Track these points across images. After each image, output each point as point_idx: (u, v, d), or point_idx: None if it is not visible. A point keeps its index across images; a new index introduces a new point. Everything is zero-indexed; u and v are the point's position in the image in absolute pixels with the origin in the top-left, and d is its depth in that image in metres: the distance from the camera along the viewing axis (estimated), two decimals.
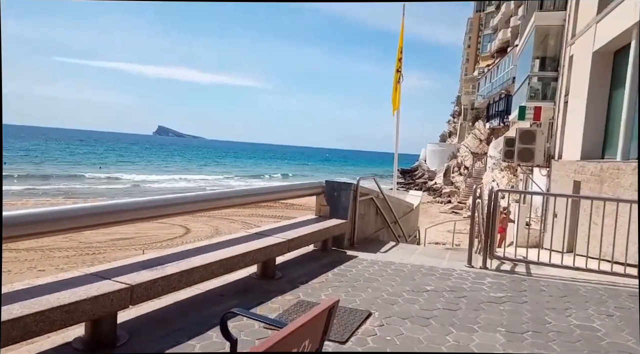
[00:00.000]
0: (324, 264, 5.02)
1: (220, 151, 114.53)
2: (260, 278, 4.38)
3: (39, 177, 32.02)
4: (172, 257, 3.53)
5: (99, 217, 3.33)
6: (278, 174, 54.46)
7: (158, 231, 13.50)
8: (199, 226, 15.30)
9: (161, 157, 72.34)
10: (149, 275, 3.04)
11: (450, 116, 68.48)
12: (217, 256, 3.70)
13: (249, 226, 16.10)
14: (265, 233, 4.70)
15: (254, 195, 5.21)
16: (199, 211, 4.60)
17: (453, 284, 4.49)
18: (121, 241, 11.53)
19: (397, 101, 10.51)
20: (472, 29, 56.83)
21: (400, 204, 8.55)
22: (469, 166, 36.73)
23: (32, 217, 2.89)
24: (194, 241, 12.92)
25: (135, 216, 3.66)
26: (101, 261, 9.44)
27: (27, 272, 8.10)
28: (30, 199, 20.07)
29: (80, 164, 44.99)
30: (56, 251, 9.51)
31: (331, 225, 5.49)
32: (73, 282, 2.79)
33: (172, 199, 4.11)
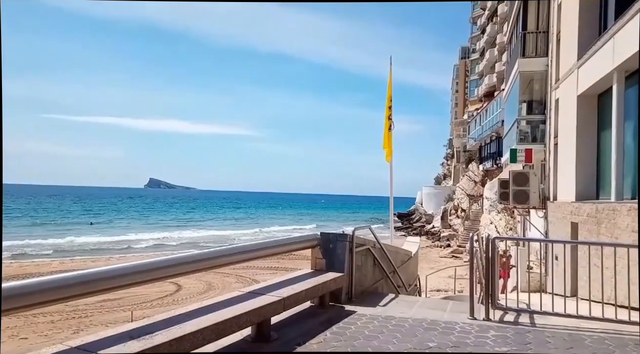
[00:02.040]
0: (322, 321, 4.83)
1: (216, 201, 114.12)
2: (254, 341, 4.18)
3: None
4: (161, 324, 3.38)
5: (90, 284, 3.20)
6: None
7: (148, 289, 13.12)
8: (191, 282, 14.92)
9: (168, 211, 69.48)
10: (137, 346, 2.89)
11: (444, 159, 69.39)
12: (209, 320, 3.54)
13: (243, 279, 15.72)
14: (259, 292, 4.55)
15: (250, 252, 5.08)
16: (196, 272, 4.47)
17: (456, 339, 4.31)
18: (109, 302, 11.15)
19: (389, 147, 10.63)
20: (459, 75, 58.89)
21: (398, 252, 8.41)
22: (465, 208, 36.71)
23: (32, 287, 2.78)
24: (186, 298, 12.56)
25: (130, 281, 3.51)
26: (87, 325, 9.11)
27: (9, 341, 7.72)
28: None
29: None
30: (40, 316, 9.13)
31: (328, 279, 5.34)
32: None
33: (167, 260, 3.98)
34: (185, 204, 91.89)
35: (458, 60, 59.38)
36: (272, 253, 6.01)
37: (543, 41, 14.80)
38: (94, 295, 3.54)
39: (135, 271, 3.58)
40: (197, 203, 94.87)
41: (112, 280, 3.35)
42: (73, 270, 3.40)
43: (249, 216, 61.73)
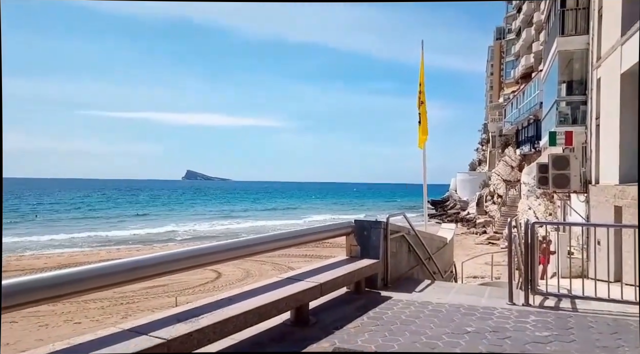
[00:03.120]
0: (358, 307, 4.91)
1: (252, 192, 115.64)
2: (294, 325, 4.32)
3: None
4: (205, 308, 3.54)
5: (135, 272, 3.38)
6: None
7: (190, 277, 13.59)
8: (230, 270, 15.32)
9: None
10: (184, 328, 3.05)
11: (479, 144, 67.66)
12: (251, 304, 3.68)
13: (279, 266, 16.03)
14: (297, 278, 4.66)
15: (285, 239, 5.21)
16: (234, 259, 4.62)
17: (495, 324, 4.29)
18: (154, 288, 11.65)
19: (424, 133, 10.49)
20: (493, 57, 56.99)
21: (433, 239, 8.36)
22: (502, 194, 35.83)
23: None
24: (225, 285, 12.95)
25: (173, 268, 3.67)
26: (135, 310, 9.54)
27: (64, 325, 8.24)
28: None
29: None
30: (91, 302, 9.67)
31: (363, 266, 5.41)
32: (111, 339, 2.83)
33: (205, 248, 4.14)
34: (223, 195, 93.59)
35: (493, 41, 57.47)
36: (307, 241, 6.12)
37: (583, 18, 14.12)
38: (139, 282, 3.73)
39: (177, 258, 3.74)
40: (234, 194, 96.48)
41: (156, 267, 3.51)
42: (119, 259, 3.58)
43: (286, 207, 62.23)
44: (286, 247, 5.78)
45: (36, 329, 7.67)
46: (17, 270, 13.44)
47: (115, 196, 78.99)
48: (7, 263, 15.17)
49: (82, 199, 68.60)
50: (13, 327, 7.66)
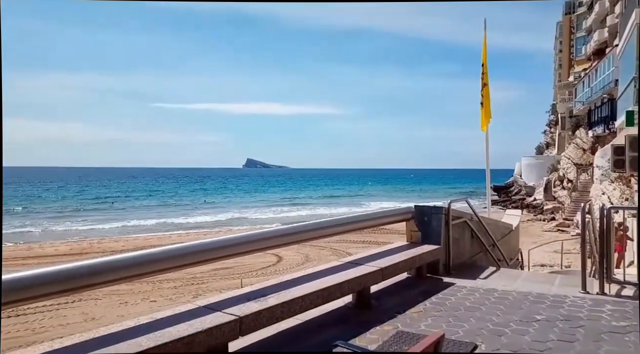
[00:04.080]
0: (420, 292, 4.89)
1: (309, 178, 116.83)
2: (356, 308, 4.39)
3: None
4: (272, 289, 3.69)
5: (205, 253, 3.58)
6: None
7: (253, 260, 14.10)
8: (290, 254, 15.72)
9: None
10: (254, 307, 3.21)
11: (546, 126, 63.78)
12: (315, 286, 3.79)
13: (337, 252, 16.22)
14: (358, 262, 4.72)
15: (344, 224, 5.28)
16: (292, 244, 4.76)
17: (567, 313, 4.11)
18: (221, 270, 12.23)
19: (487, 115, 10.07)
20: (562, 33, 53.15)
21: (498, 225, 8.08)
22: (572, 178, 33.67)
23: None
24: (286, 268, 13.33)
25: (238, 250, 3.88)
26: (204, 290, 10.08)
27: (141, 303, 8.91)
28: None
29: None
30: (165, 282, 10.36)
31: (424, 251, 5.36)
32: (188, 314, 3.04)
33: (267, 233, 4.30)
34: (283, 182, 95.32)
35: (561, 16, 53.48)
36: (366, 226, 6.15)
37: None
38: (207, 263, 3.96)
39: (241, 242, 3.92)
40: (294, 182, 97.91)
41: (221, 250, 3.69)
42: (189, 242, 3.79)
43: (345, 194, 62.22)
44: (345, 232, 5.86)
45: (117, 306, 8.37)
46: (99, 252, 14.65)
47: (185, 183, 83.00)
48: (89, 246, 16.57)
49: (155, 187, 72.72)
50: (97, 304, 8.42)
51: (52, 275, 2.55)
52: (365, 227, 6.12)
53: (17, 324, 7.26)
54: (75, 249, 15.76)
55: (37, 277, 2.47)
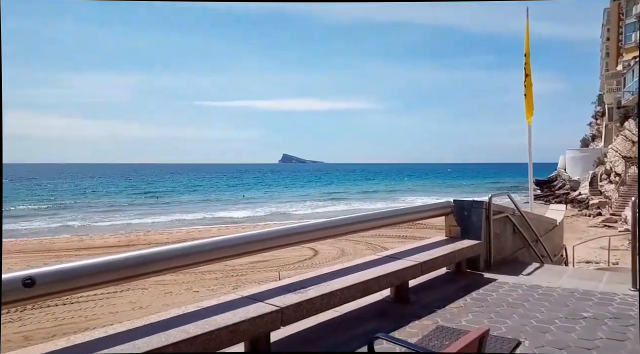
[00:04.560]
0: (460, 287, 4.83)
1: (345, 173, 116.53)
2: (394, 302, 4.39)
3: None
4: (312, 281, 3.75)
5: (242, 246, 3.64)
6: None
7: (289, 253, 14.29)
8: (326, 248, 15.81)
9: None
10: (295, 298, 3.28)
11: (592, 118, 60.86)
12: (354, 279, 3.82)
13: (373, 246, 16.18)
14: (396, 256, 4.72)
15: (382, 219, 5.26)
16: (329, 238, 4.81)
17: (616, 311, 3.96)
18: (259, 263, 12.48)
19: (530, 107, 9.74)
20: (610, 20, 50.49)
21: (541, 220, 7.83)
22: (620, 172, 32.04)
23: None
24: (322, 262, 13.43)
25: (275, 244, 3.92)
26: (244, 282, 10.32)
27: (185, 293, 9.24)
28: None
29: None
30: (206, 273, 10.69)
31: (464, 246, 5.28)
32: (232, 304, 3.14)
33: (303, 227, 4.33)
34: (319, 177, 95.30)
35: (609, 2, 50.73)
36: (404, 220, 6.11)
37: None
38: (246, 256, 4.04)
39: (278, 235, 3.95)
40: (330, 177, 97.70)
41: (259, 243, 3.75)
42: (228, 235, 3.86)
43: (381, 189, 61.61)
44: (383, 227, 5.84)
45: (162, 296, 8.73)
46: (145, 244, 15.26)
47: (224, 179, 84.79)
48: (136, 238, 17.29)
49: (196, 182, 74.70)
50: (144, 293, 8.81)
51: (104, 265, 2.70)
52: (402, 222, 6.09)
53: (71, 312, 7.70)
54: (122, 241, 16.51)
55: (92, 266, 2.62)
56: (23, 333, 6.91)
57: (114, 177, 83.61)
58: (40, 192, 47.77)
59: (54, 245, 15.63)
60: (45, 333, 6.90)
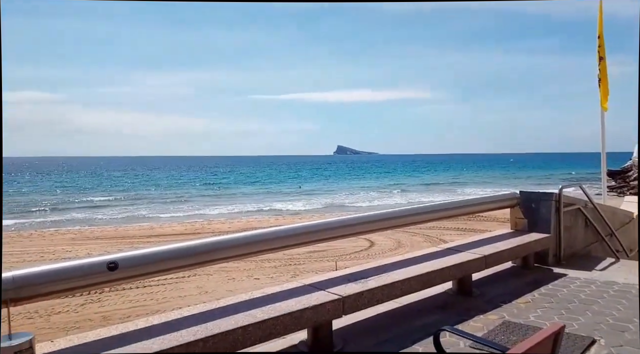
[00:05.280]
0: (527, 282, 4.64)
1: (400, 164, 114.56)
2: (456, 295, 4.31)
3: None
4: (372, 272, 3.76)
5: (301, 236, 3.69)
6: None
7: (345, 244, 14.34)
8: (382, 240, 15.69)
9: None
10: (356, 288, 3.31)
11: None
12: (415, 271, 3.79)
13: (430, 239, 15.86)
14: (458, 248, 4.61)
15: (443, 210, 5.15)
16: (387, 229, 4.78)
17: None
18: (315, 253, 12.64)
19: (605, 92, 9.05)
20: None
21: (615, 213, 7.30)
22: None
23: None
24: (379, 253, 13.37)
25: (330, 235, 3.92)
26: (302, 271, 10.52)
27: (246, 280, 9.58)
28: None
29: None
30: (266, 262, 11.02)
31: (531, 240, 5.05)
32: (295, 292, 3.23)
33: (361, 217, 4.32)
34: (375, 169, 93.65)
35: None
36: (467, 212, 5.94)
37: None
38: (303, 246, 4.09)
39: (335, 226, 3.98)
40: (385, 168, 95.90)
41: (318, 233, 3.80)
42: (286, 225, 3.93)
43: (440, 181, 59.73)
44: (442, 219, 5.71)
45: (226, 282, 9.13)
46: (209, 232, 15.98)
47: (281, 171, 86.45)
48: (201, 227, 18.12)
49: (255, 173, 76.83)
50: (209, 279, 9.25)
51: (179, 250, 2.87)
52: (464, 214, 5.92)
53: (144, 295, 8.26)
54: (189, 229, 17.37)
55: (169, 252, 2.80)
56: (102, 314, 7.48)
57: (180, 170, 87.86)
58: (115, 184, 51.38)
59: (127, 232, 16.76)
60: (122, 314, 7.42)
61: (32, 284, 2.13)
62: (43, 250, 13.00)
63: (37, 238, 15.54)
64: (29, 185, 47.80)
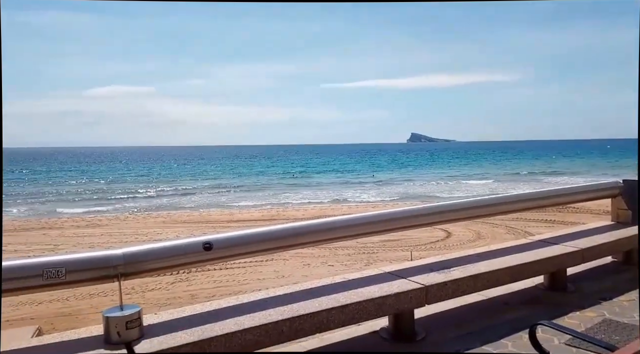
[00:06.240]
0: (629, 278, 4.22)
1: (481, 153, 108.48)
2: (548, 290, 4.03)
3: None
4: (455, 262, 3.63)
5: (375, 225, 3.62)
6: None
7: (420, 234, 14.01)
8: (459, 230, 15.11)
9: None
10: (439, 277, 3.22)
11: None
12: (503, 263, 3.60)
13: (514, 230, 14.99)
14: (550, 241, 4.30)
15: (532, 200, 4.82)
16: (465, 219, 4.50)
17: None
18: (389, 242, 12.50)
19: None
20: None
21: None
22: None
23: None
24: (456, 245, 12.91)
25: (405, 224, 3.75)
26: (375, 259, 10.47)
27: (321, 266, 9.75)
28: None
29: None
30: (339, 249, 11.12)
31: (636, 233, 4.56)
32: (376, 278, 3.21)
33: (438, 207, 4.14)
34: (452, 157, 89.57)
35: None
36: (559, 203, 5.55)
37: None
38: (377, 234, 4.01)
39: (411, 215, 3.80)
40: (465, 157, 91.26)
41: (391, 222, 3.68)
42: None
43: (527, 169, 55.64)
44: (533, 209, 5.36)
45: (301, 267, 9.38)
46: (283, 219, 16.48)
47: (355, 159, 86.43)
48: (277, 213, 18.75)
49: (329, 161, 77.73)
50: (285, 264, 9.55)
51: (266, 234, 2.98)
52: (555, 204, 5.53)
53: (226, 276, 8.76)
54: (266, 215, 18.06)
55: (258, 235, 2.92)
56: (190, 292, 8.03)
57: (258, 158, 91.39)
58: (200, 172, 54.96)
59: (210, 217, 17.81)
60: (207, 293, 7.91)
61: (139, 261, 2.33)
62: (137, 232, 14.22)
63: (132, 221, 17.03)
64: (131, 173, 52.60)
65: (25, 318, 6.57)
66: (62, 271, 2.09)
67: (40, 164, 70.17)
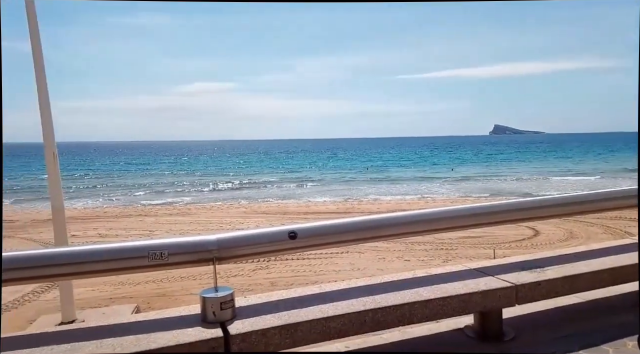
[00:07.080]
0: None
1: (594, 145, 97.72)
2: None
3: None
4: (548, 261, 3.39)
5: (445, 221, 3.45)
6: None
7: (504, 232, 13.29)
8: (549, 228, 14.10)
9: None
10: (531, 276, 3.03)
11: None
12: (603, 264, 3.30)
13: (612, 230, 13.69)
14: None
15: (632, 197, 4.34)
16: (555, 217, 4.12)
17: None
18: (469, 239, 12.01)
19: None
20: None
21: None
22: None
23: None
24: (545, 244, 12.06)
25: (487, 220, 3.48)
26: (454, 256, 10.13)
27: (396, 260, 9.63)
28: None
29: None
30: (416, 244, 10.89)
31: None
32: (460, 274, 3.10)
33: (521, 203, 3.83)
34: (543, 151, 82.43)
35: None
36: None
37: None
38: (454, 230, 3.83)
39: (493, 211, 3.55)
40: (560, 150, 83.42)
41: (473, 217, 3.47)
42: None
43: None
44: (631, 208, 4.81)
45: (376, 260, 9.34)
46: (358, 212, 16.52)
47: (435, 152, 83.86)
48: (352, 206, 18.86)
49: (407, 155, 76.42)
50: (360, 257, 9.57)
51: (349, 225, 3.02)
52: None
53: (304, 267, 8.99)
54: (341, 208, 18.23)
55: (341, 226, 2.97)
56: (269, 279, 8.35)
57: (333, 151, 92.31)
58: (278, 164, 57.08)
59: (288, 209, 18.37)
60: (286, 281, 8.18)
61: (231, 247, 2.48)
62: (221, 221, 15.06)
63: (217, 210, 18.06)
64: (213, 166, 56.14)
65: (126, 296, 7.26)
66: (165, 253, 2.28)
67: (137, 157, 77.66)
